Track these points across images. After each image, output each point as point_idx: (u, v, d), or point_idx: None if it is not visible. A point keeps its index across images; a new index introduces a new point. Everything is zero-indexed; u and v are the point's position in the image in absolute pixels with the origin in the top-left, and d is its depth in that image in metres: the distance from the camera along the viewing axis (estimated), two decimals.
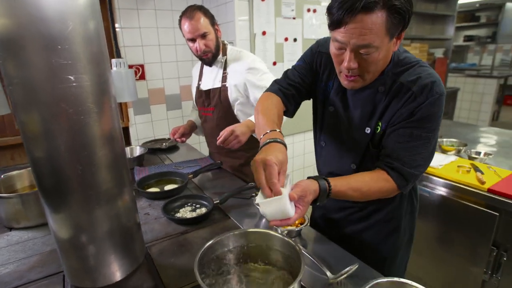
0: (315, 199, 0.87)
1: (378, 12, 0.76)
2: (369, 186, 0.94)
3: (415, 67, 0.94)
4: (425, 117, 0.90)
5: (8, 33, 0.64)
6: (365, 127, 1.01)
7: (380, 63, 0.89)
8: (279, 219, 0.80)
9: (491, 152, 2.04)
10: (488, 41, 6.57)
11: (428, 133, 0.92)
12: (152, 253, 1.08)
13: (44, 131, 0.70)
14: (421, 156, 0.93)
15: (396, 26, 0.81)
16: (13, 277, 0.98)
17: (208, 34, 1.61)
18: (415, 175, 0.95)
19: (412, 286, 0.79)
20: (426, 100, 0.89)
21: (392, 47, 0.88)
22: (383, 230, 1.18)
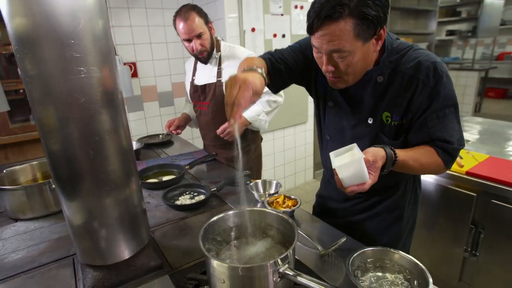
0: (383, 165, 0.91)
1: (344, 20, 0.81)
2: (426, 158, 0.98)
3: (410, 51, 0.97)
4: (442, 98, 0.94)
5: (25, 31, 0.70)
6: (367, 118, 1.04)
7: (358, 65, 0.91)
8: (356, 184, 0.85)
9: (471, 139, 2.17)
10: (469, 35, 6.78)
11: (451, 107, 0.95)
12: (156, 237, 1.15)
13: (59, 122, 0.77)
14: (454, 129, 0.97)
15: (366, 30, 0.84)
16: (24, 261, 1.04)
17: (204, 34, 1.68)
18: (458, 149, 0.98)
19: (393, 252, 0.89)
20: (436, 82, 0.92)
21: (371, 48, 0.91)
22: (386, 219, 1.21)
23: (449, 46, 7.61)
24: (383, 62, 0.98)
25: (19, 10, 0.69)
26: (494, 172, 1.65)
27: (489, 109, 6.68)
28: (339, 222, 1.24)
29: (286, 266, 0.74)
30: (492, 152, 1.95)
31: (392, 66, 0.98)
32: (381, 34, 0.89)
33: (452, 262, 1.86)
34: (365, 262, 0.89)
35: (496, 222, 1.63)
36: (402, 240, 1.26)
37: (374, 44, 0.91)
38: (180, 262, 1.00)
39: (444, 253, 1.90)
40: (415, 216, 1.29)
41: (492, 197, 1.62)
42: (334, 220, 1.27)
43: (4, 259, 1.06)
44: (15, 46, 0.73)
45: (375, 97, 1.01)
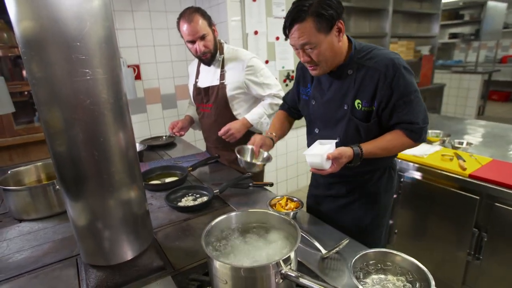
0: (349, 161, 1.16)
1: (306, 19, 1.07)
2: (393, 144, 1.20)
3: (373, 51, 1.18)
4: (403, 86, 1.13)
5: (32, 34, 0.71)
6: (343, 105, 1.24)
7: (326, 53, 1.13)
8: (316, 168, 1.16)
9: (474, 142, 2.16)
10: (472, 38, 6.77)
11: (414, 93, 1.15)
12: (158, 238, 1.16)
13: (64, 123, 0.78)
14: (420, 111, 1.17)
15: (325, 25, 1.08)
16: (28, 261, 1.05)
17: (207, 36, 1.69)
18: (423, 128, 1.19)
19: (395, 254, 0.89)
20: (395, 74, 1.12)
21: (334, 39, 1.12)
22: (364, 204, 1.37)
23: (452, 49, 7.60)
24: (351, 58, 1.19)
25: (26, 14, 0.71)
26: (497, 175, 1.64)
27: (492, 112, 6.66)
28: (326, 209, 1.44)
29: (289, 268, 0.74)
30: (495, 155, 1.94)
31: (359, 62, 1.18)
32: (340, 28, 1.11)
33: (455, 265, 1.85)
34: (367, 264, 0.90)
35: (500, 226, 1.62)
36: (379, 226, 1.41)
37: (336, 35, 1.12)
38: (182, 263, 1.01)
39: (447, 256, 1.89)
40: (389, 203, 1.43)
41: (495, 200, 1.61)
42: (322, 207, 1.47)
43: (9, 259, 1.06)
44: (22, 49, 0.74)
45: (347, 87, 1.22)
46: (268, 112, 1.84)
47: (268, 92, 1.82)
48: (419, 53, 5.03)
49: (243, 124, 1.79)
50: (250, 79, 1.79)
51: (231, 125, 1.76)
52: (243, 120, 1.80)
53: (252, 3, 2.83)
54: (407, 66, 1.15)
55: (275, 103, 1.84)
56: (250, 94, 1.85)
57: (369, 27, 4.38)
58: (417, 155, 1.95)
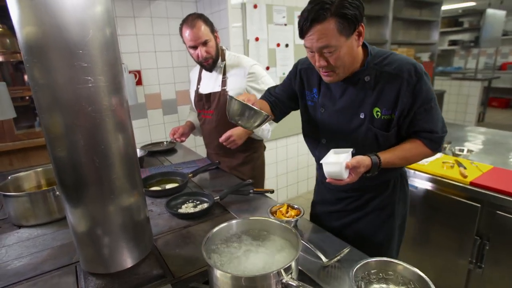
0: (367, 171, 1.10)
1: (328, 20, 0.97)
2: (412, 153, 1.16)
3: (391, 56, 1.12)
4: (425, 93, 1.08)
5: (35, 40, 0.71)
6: (359, 114, 1.16)
7: (345, 58, 1.05)
8: (333, 178, 1.07)
9: (475, 149, 2.16)
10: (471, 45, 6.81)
11: (434, 101, 1.12)
12: (158, 245, 1.15)
13: (65, 129, 0.78)
14: (439, 120, 1.15)
15: (347, 27, 0.99)
16: (27, 269, 1.04)
17: (209, 41, 1.70)
18: (442, 137, 1.16)
19: (396, 263, 0.88)
20: (417, 81, 1.06)
21: (354, 43, 1.04)
22: (378, 217, 1.30)
23: (452, 56, 7.65)
24: (368, 64, 1.12)
25: (29, 20, 0.71)
26: (499, 182, 1.63)
27: (492, 119, 6.67)
28: (334, 225, 1.36)
29: (290, 277, 0.74)
30: (496, 162, 1.94)
31: (377, 68, 1.11)
32: (361, 31, 1.03)
33: (457, 274, 1.83)
34: (369, 273, 0.89)
35: (502, 234, 1.61)
36: (394, 238, 1.34)
37: (356, 40, 1.05)
38: (182, 271, 1.00)
39: (449, 265, 1.88)
40: (404, 213, 1.37)
41: (497, 208, 1.60)
42: (331, 223, 1.38)
43: (7, 266, 1.06)
44: (24, 55, 0.74)
45: (364, 95, 1.14)
46: None
47: None
48: (419, 59, 5.06)
49: (244, 131, 1.77)
50: (251, 86, 1.79)
51: (232, 132, 1.74)
52: None
53: (253, 10, 2.85)
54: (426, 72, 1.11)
55: None
56: None
57: (369, 33, 4.41)
58: (417, 163, 1.95)
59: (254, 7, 2.84)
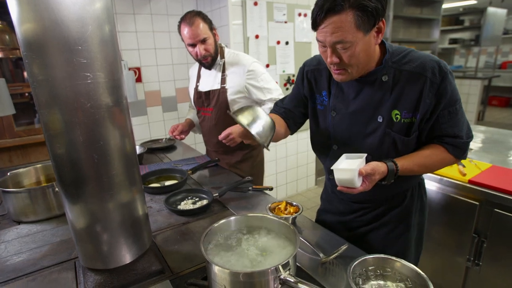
0: (382, 178, 1.01)
1: (345, 12, 0.86)
2: (432, 160, 1.05)
3: (411, 53, 1.02)
4: (450, 94, 0.99)
5: (34, 37, 0.71)
6: (376, 117, 1.06)
7: (360, 55, 0.95)
8: (345, 186, 0.98)
9: (474, 147, 2.16)
10: (471, 44, 6.80)
11: (459, 103, 1.02)
12: (157, 241, 1.15)
13: (64, 125, 0.78)
14: (464, 124, 1.05)
15: (366, 22, 0.88)
16: (26, 264, 1.04)
17: (208, 39, 1.70)
18: (467, 142, 1.06)
19: (394, 260, 0.88)
20: (442, 80, 0.97)
21: (372, 40, 0.95)
22: (396, 229, 1.21)
23: (452, 55, 7.64)
24: (386, 62, 1.02)
25: (29, 16, 0.71)
26: (497, 181, 1.64)
27: (492, 118, 6.67)
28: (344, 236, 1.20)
29: (287, 273, 0.74)
30: (495, 161, 1.94)
31: (396, 66, 1.02)
32: (381, 27, 0.94)
33: (455, 271, 1.84)
34: (367, 270, 0.89)
35: (499, 232, 1.62)
36: (410, 249, 1.25)
37: (375, 36, 0.95)
38: (181, 267, 1.00)
39: (447, 262, 1.88)
40: (422, 223, 1.29)
41: (495, 206, 1.61)
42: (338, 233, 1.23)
43: (6, 261, 1.06)
44: (23, 51, 0.74)
45: (382, 96, 1.04)
46: None
47: (268, 97, 1.82)
48: None
49: (243, 129, 1.78)
50: (250, 84, 1.79)
51: (231, 130, 1.74)
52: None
53: (254, 7, 2.84)
54: (451, 71, 1.00)
55: None
56: (251, 98, 1.85)
57: None
58: None
59: (255, 4, 2.84)
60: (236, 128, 1.75)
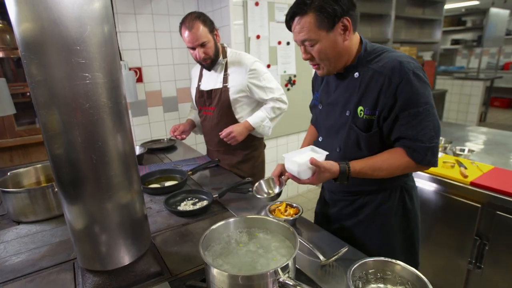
0: (336, 178, 1.08)
1: (308, 14, 1.00)
2: (389, 163, 1.06)
3: (384, 53, 1.07)
4: (410, 95, 0.99)
5: (33, 36, 0.71)
6: (345, 111, 1.13)
7: (327, 51, 1.05)
8: (292, 174, 1.12)
9: (476, 149, 2.15)
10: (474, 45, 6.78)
11: (424, 105, 0.99)
12: (156, 243, 1.15)
13: (63, 126, 0.77)
14: (428, 128, 1.01)
15: (326, 22, 1.00)
16: (25, 265, 1.04)
17: (207, 43, 1.69)
18: (429, 147, 1.02)
19: (394, 263, 0.87)
20: (401, 80, 0.98)
21: (339, 37, 1.04)
22: (370, 227, 1.22)
23: (454, 55, 7.61)
24: (359, 60, 1.09)
25: (27, 16, 0.71)
26: (499, 183, 1.63)
27: (494, 119, 6.65)
28: (335, 228, 1.31)
29: (287, 276, 0.73)
30: (497, 162, 1.93)
31: (367, 65, 1.08)
32: (346, 25, 1.02)
33: (456, 274, 1.83)
34: (367, 273, 0.88)
35: (501, 234, 1.60)
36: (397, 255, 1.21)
37: (341, 34, 1.04)
38: (180, 269, 1.00)
39: (448, 265, 1.87)
40: (410, 231, 1.24)
41: (497, 208, 1.60)
42: (330, 226, 1.34)
43: (5, 262, 1.06)
44: (22, 52, 0.74)
45: (351, 92, 1.12)
46: (270, 116, 1.84)
47: (270, 96, 1.82)
48: (421, 58, 5.04)
49: (245, 127, 1.79)
50: (252, 83, 1.79)
51: (233, 128, 1.77)
52: (245, 123, 1.80)
53: (255, 7, 2.84)
54: (421, 73, 1.00)
55: (277, 107, 1.84)
56: (253, 97, 1.85)
57: (371, 32, 4.39)
58: None
59: (256, 4, 2.83)
60: (237, 126, 1.77)
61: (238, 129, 1.77)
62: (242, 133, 1.78)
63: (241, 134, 1.79)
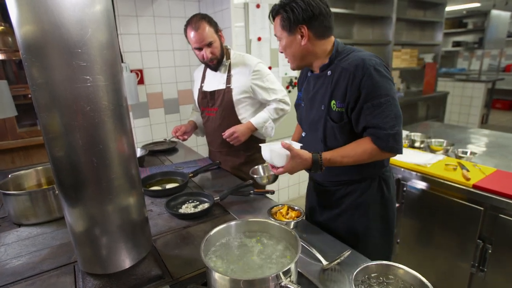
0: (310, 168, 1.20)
1: (277, 16, 1.22)
2: (356, 150, 1.18)
3: (351, 53, 1.19)
4: (372, 88, 1.11)
5: (34, 39, 0.71)
6: (321, 105, 1.26)
7: (287, 49, 1.24)
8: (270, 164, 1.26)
9: (478, 151, 2.14)
10: (475, 47, 6.77)
11: (385, 97, 1.11)
12: (157, 246, 1.14)
13: (64, 128, 0.77)
14: (389, 117, 1.12)
15: (287, 25, 1.19)
16: (25, 268, 1.04)
17: (214, 43, 1.71)
18: (391, 134, 1.13)
19: (397, 267, 0.87)
20: (363, 75, 1.11)
21: (296, 41, 1.21)
22: (353, 216, 1.32)
23: (456, 57, 7.60)
24: (331, 60, 1.23)
25: (28, 18, 0.70)
26: (502, 185, 1.62)
27: (496, 121, 6.63)
28: (323, 219, 1.41)
29: (288, 280, 0.73)
30: (499, 165, 1.92)
31: (338, 63, 1.21)
32: (303, 33, 1.19)
33: (459, 278, 1.82)
34: (369, 277, 0.88)
35: (504, 237, 1.59)
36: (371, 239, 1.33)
37: (299, 39, 1.20)
38: (181, 272, 0.99)
39: (451, 269, 1.86)
40: (386, 216, 1.35)
41: (500, 211, 1.59)
42: (315, 218, 1.45)
43: (6, 265, 1.05)
44: (23, 54, 0.74)
45: (326, 88, 1.24)
46: (273, 116, 1.84)
47: (273, 97, 1.83)
48: (422, 60, 5.03)
49: (248, 128, 1.80)
50: (256, 84, 1.79)
51: (236, 128, 1.77)
52: (248, 123, 1.81)
53: (256, 10, 2.84)
54: (382, 68, 1.12)
55: (280, 108, 1.84)
56: (256, 98, 1.85)
57: (373, 34, 4.39)
58: (420, 164, 1.93)
59: (257, 6, 2.83)
60: (240, 127, 1.77)
61: (241, 129, 1.78)
62: (245, 133, 1.79)
63: (244, 135, 1.79)
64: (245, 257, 0.86)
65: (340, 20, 4.01)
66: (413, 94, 4.98)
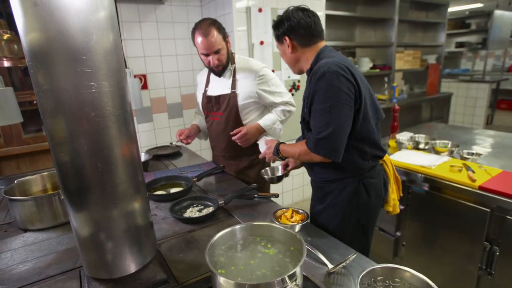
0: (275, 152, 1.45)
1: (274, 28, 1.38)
2: (294, 148, 1.36)
3: (324, 60, 1.25)
4: (314, 93, 1.20)
5: (40, 46, 0.72)
6: (304, 106, 1.33)
7: (282, 56, 1.43)
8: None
9: (484, 152, 2.12)
10: (479, 47, 6.74)
11: (322, 104, 1.18)
12: (162, 250, 1.14)
13: (69, 134, 0.78)
14: (321, 122, 1.19)
15: (276, 35, 1.38)
16: (31, 273, 1.04)
17: (221, 50, 1.71)
18: (318, 139, 1.20)
19: (403, 270, 0.86)
20: (316, 80, 1.19)
21: (286, 49, 1.36)
22: (332, 214, 1.40)
23: (459, 58, 7.56)
24: (312, 65, 1.32)
25: (33, 26, 0.71)
26: (508, 186, 1.60)
27: (501, 121, 6.57)
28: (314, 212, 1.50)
29: (294, 283, 0.73)
30: (505, 166, 1.90)
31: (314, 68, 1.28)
32: (288, 43, 1.33)
33: (466, 280, 1.80)
34: (375, 280, 0.87)
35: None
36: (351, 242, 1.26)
37: (287, 48, 1.35)
38: (186, 277, 0.99)
39: (458, 271, 1.84)
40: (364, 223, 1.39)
41: (506, 213, 1.57)
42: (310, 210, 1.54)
43: (12, 270, 1.06)
44: (29, 61, 0.75)
45: (307, 90, 1.30)
46: (281, 118, 1.85)
47: (280, 100, 1.83)
48: (425, 62, 5.01)
49: (257, 130, 1.81)
50: (262, 89, 1.80)
51: (247, 129, 1.77)
52: (257, 125, 1.81)
53: (258, 14, 2.85)
54: (332, 75, 1.15)
55: (287, 110, 1.85)
56: (262, 103, 1.86)
57: (375, 36, 4.39)
58: (425, 166, 1.92)
59: (259, 10, 2.85)
60: (251, 128, 1.77)
61: (252, 131, 1.78)
62: (254, 135, 1.80)
63: (254, 136, 1.80)
64: (250, 261, 0.86)
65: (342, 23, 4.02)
66: (417, 96, 4.96)
